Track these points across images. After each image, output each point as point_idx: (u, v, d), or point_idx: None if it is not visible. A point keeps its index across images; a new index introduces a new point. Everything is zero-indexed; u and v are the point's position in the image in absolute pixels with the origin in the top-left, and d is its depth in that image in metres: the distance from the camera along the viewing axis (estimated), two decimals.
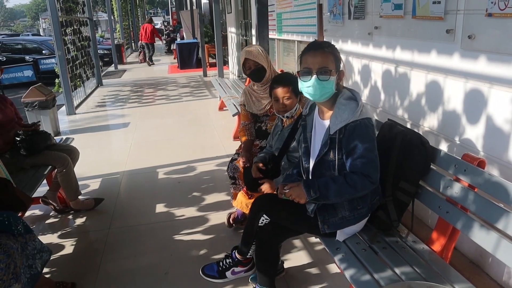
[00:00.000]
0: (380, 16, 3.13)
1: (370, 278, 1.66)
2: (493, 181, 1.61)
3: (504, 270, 2.19)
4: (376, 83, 3.38)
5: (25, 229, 2.09)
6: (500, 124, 2.11)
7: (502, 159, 2.11)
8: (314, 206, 1.87)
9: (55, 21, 6.57)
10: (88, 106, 7.83)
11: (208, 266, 2.43)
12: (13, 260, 1.86)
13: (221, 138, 5.32)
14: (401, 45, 2.94)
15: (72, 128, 6.19)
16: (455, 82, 2.42)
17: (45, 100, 5.42)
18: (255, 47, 2.87)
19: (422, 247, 1.87)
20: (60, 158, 3.11)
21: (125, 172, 4.23)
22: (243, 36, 9.67)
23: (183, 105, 7.65)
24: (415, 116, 2.86)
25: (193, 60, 12.81)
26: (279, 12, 6.11)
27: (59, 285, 2.35)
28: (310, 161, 1.97)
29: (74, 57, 7.74)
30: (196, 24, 14.19)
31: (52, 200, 3.33)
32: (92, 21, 9.60)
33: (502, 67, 2.06)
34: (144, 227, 3.10)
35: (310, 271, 2.48)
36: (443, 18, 2.43)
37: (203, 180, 3.95)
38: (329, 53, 1.79)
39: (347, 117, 1.76)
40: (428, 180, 1.95)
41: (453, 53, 2.40)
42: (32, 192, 2.69)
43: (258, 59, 2.79)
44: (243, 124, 2.99)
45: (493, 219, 1.57)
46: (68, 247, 2.87)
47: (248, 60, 2.82)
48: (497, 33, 2.06)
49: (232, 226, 2.97)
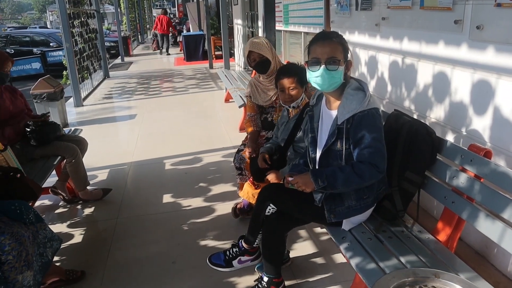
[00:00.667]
0: (388, 7, 3.12)
1: (376, 267, 1.68)
2: (499, 171, 1.62)
3: (509, 261, 2.19)
4: (383, 74, 3.37)
5: (36, 218, 2.13)
6: (507, 115, 2.11)
7: (509, 150, 2.11)
8: (322, 196, 1.88)
9: (63, 13, 6.59)
10: (95, 98, 7.88)
11: (215, 255, 2.46)
12: (24, 248, 1.90)
13: (227, 129, 5.34)
14: (409, 36, 2.93)
15: (80, 120, 6.24)
16: (463, 73, 2.41)
17: (53, 92, 5.46)
18: (259, 39, 2.87)
19: (428, 237, 1.89)
20: (69, 149, 3.15)
21: (133, 163, 4.27)
22: (249, 28, 9.64)
23: (190, 97, 7.67)
24: (421, 107, 2.85)
25: (199, 52, 12.81)
26: (286, 4, 6.09)
27: (69, 273, 2.40)
28: (317, 151, 1.98)
29: (81, 49, 7.78)
30: (202, 16, 14.17)
31: (61, 190, 3.38)
32: (99, 13, 9.62)
33: (511, 58, 2.05)
34: (152, 217, 3.14)
35: (316, 261, 2.50)
36: (452, 9, 2.41)
37: (210, 171, 3.98)
38: (338, 43, 1.79)
39: (355, 107, 1.77)
40: (434, 170, 1.95)
41: (461, 44, 2.39)
42: (42, 182, 2.74)
43: (262, 51, 2.79)
44: (249, 116, 3.01)
45: (499, 209, 1.58)
46: (77, 236, 2.92)
47: (253, 53, 2.82)
48: (506, 24, 2.05)
49: (238, 216, 2.99)
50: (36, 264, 2.00)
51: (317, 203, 1.91)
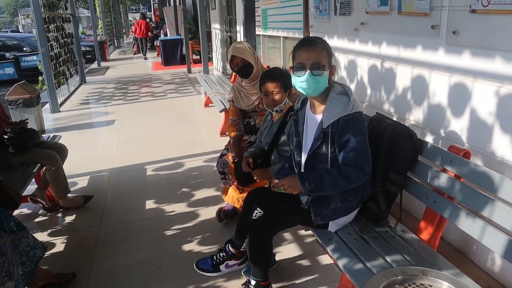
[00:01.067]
0: (366, 12, 3.19)
1: (363, 267, 1.71)
2: (478, 171, 1.68)
3: (487, 257, 2.27)
4: (362, 78, 3.44)
5: (18, 226, 2.08)
6: (484, 116, 2.19)
7: (486, 150, 2.19)
8: (308, 198, 1.91)
9: (38, 17, 6.47)
10: (72, 103, 7.74)
11: (202, 260, 2.46)
12: (6, 259, 1.86)
13: (208, 134, 5.33)
14: (387, 41, 3.01)
15: (57, 126, 6.12)
16: (440, 76, 2.49)
17: (29, 97, 5.35)
18: (242, 44, 2.90)
19: (411, 236, 1.94)
20: (49, 156, 3.09)
21: (113, 169, 4.22)
22: (228, 32, 9.67)
23: (169, 102, 7.63)
24: (401, 110, 2.93)
25: (177, 57, 12.76)
26: (264, 9, 6.14)
27: (59, 276, 2.36)
28: (302, 154, 2.01)
29: (57, 54, 7.64)
30: (180, 21, 14.12)
31: (40, 198, 3.31)
32: (75, 18, 9.47)
33: (486, 62, 2.13)
34: (135, 224, 3.11)
35: (301, 263, 2.53)
36: (428, 14, 2.49)
37: (192, 176, 3.97)
38: (322, 49, 1.84)
39: (339, 111, 1.81)
40: (416, 172, 2.01)
41: (438, 48, 2.47)
42: (22, 190, 2.68)
43: (245, 56, 2.82)
44: (232, 120, 3.02)
45: (479, 207, 1.64)
46: (59, 245, 2.86)
47: (235, 57, 2.84)
48: (480, 29, 2.13)
49: (222, 220, 2.99)
50: (17, 274, 1.95)
51: (304, 206, 1.93)
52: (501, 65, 2.04)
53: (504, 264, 2.17)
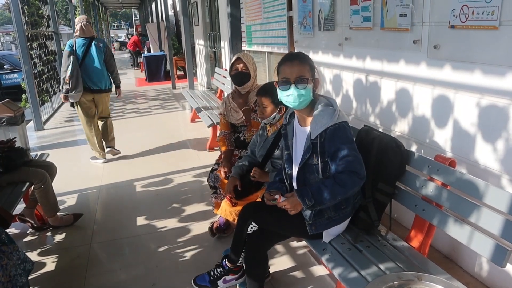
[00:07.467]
0: (350, 28, 3.30)
1: (358, 275, 1.76)
2: (464, 179, 1.76)
3: (475, 262, 2.35)
4: (347, 91, 3.53)
5: (9, 239, 2.08)
6: (466, 126, 2.28)
7: (469, 158, 2.28)
8: (311, 213, 1.95)
9: (21, 35, 6.44)
10: (56, 121, 7.68)
11: (200, 276, 2.45)
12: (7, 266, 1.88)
13: (195, 149, 5.35)
14: (371, 55, 3.11)
15: (42, 144, 6.06)
16: (423, 89, 2.59)
17: (13, 116, 5.28)
18: (249, 55, 3.03)
19: (402, 244, 2.00)
20: (38, 174, 3.07)
21: (102, 187, 4.19)
22: (211, 48, 9.75)
23: (154, 118, 7.63)
24: (386, 122, 3.02)
25: (161, 73, 12.77)
26: (249, 25, 6.24)
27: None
28: (293, 167, 2.06)
29: (40, 72, 7.59)
30: (163, 37, 14.17)
31: (29, 217, 3.27)
32: (58, 35, 9.44)
33: (466, 74, 2.24)
34: (127, 240, 3.10)
35: (295, 274, 2.55)
36: (410, 30, 2.60)
37: (182, 191, 3.98)
38: (305, 63, 1.92)
39: (326, 121, 1.87)
40: (404, 181, 2.08)
41: (420, 62, 2.57)
42: (12, 209, 2.65)
43: (248, 63, 2.92)
44: (223, 133, 3.07)
45: (466, 213, 1.71)
46: (50, 264, 2.83)
47: (239, 61, 2.93)
48: (459, 43, 2.24)
49: (215, 235, 3.01)
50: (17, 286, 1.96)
51: (308, 221, 1.97)
52: (481, 78, 2.14)
53: (492, 269, 2.24)
